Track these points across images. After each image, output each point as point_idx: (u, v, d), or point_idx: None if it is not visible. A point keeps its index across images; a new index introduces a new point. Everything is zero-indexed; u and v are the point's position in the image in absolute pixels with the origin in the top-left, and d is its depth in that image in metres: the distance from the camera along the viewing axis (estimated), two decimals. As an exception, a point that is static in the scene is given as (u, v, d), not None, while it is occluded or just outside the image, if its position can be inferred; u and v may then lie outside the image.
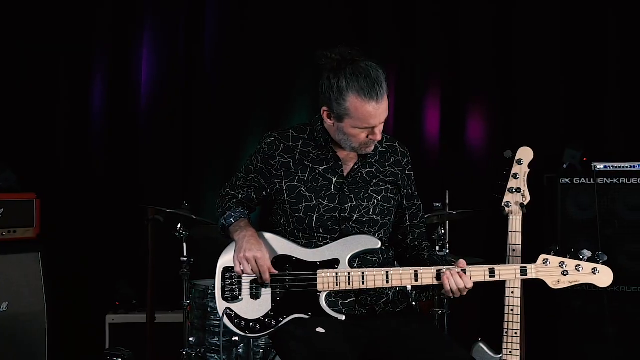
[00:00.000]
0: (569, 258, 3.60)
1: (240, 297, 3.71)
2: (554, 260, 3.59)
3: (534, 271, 3.59)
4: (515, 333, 3.88)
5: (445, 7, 6.85)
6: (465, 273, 3.59)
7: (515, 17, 6.73)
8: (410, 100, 6.87)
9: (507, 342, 3.90)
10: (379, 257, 3.83)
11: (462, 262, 3.63)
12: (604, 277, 3.59)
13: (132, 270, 6.53)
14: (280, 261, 3.71)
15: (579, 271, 3.58)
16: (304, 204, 3.77)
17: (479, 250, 6.00)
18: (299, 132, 3.90)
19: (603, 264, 3.59)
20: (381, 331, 3.71)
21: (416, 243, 3.98)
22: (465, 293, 3.61)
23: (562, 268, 3.58)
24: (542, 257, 3.60)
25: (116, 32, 6.78)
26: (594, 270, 3.58)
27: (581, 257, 3.59)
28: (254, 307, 3.70)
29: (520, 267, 3.61)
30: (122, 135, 6.81)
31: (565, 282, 3.60)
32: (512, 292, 3.85)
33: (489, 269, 3.60)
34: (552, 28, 6.67)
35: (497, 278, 3.61)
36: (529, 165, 3.82)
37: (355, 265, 3.72)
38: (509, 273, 3.61)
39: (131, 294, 6.37)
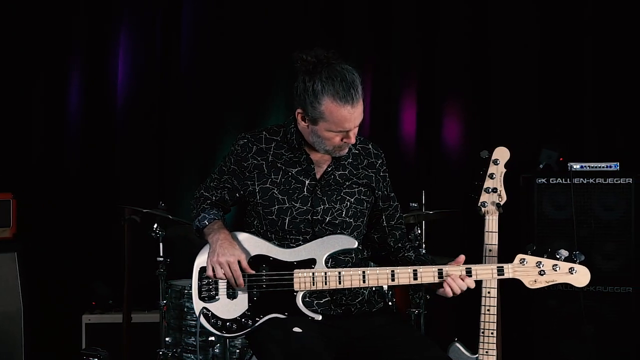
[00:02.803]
0: (546, 258, 3.59)
1: (217, 297, 3.70)
2: (531, 259, 3.59)
3: (510, 271, 3.59)
4: (492, 333, 3.88)
5: (422, 7, 6.85)
6: (470, 274, 3.61)
7: (492, 18, 6.74)
8: (386, 100, 6.87)
9: (483, 342, 3.90)
10: (352, 257, 3.82)
11: (462, 258, 3.66)
12: (580, 277, 3.59)
13: (108, 270, 6.52)
14: (256, 261, 3.69)
15: (556, 271, 3.58)
16: (276, 207, 3.75)
17: (455, 250, 5.90)
18: (272, 133, 3.88)
19: (580, 263, 3.60)
20: (357, 331, 3.71)
21: (399, 245, 3.96)
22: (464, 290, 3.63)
23: (539, 268, 3.58)
24: (519, 256, 3.60)
25: (93, 31, 6.76)
26: (571, 270, 3.58)
27: (558, 256, 3.58)
28: (230, 307, 3.68)
29: (497, 267, 3.60)
30: (99, 136, 6.79)
31: (542, 282, 3.59)
32: (489, 292, 3.84)
33: (466, 269, 3.60)
34: (530, 28, 6.68)
35: (474, 278, 3.60)
36: (506, 165, 3.81)
37: (330, 265, 3.70)
38: (485, 273, 3.61)
39: (107, 294, 6.35)
